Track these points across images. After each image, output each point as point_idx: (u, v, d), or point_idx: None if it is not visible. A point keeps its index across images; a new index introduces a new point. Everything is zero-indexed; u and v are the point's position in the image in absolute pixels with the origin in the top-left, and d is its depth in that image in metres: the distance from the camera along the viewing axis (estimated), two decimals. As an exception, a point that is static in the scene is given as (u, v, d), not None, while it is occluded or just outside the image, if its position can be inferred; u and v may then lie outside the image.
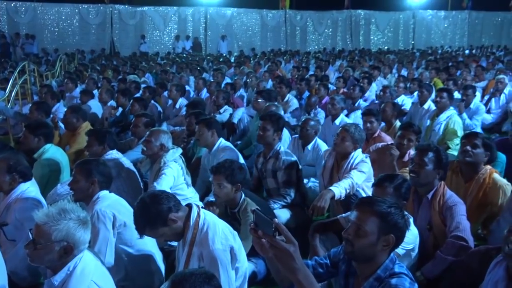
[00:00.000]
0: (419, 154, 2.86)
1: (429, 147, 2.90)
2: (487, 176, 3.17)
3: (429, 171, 2.80)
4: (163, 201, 2.21)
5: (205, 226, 2.25)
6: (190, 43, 20.10)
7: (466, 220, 2.69)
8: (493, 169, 3.28)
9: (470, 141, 3.21)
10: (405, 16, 23.82)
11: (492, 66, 11.26)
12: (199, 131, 3.97)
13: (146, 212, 2.19)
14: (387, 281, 1.73)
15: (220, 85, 7.69)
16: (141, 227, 2.21)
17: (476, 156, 3.17)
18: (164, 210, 2.19)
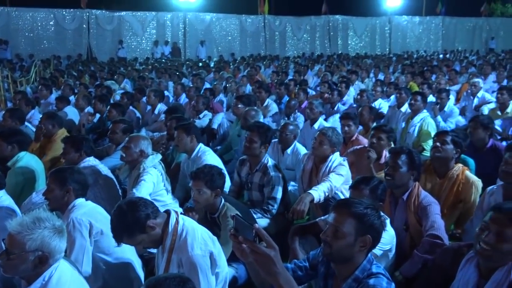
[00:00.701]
0: (393, 157, 2.92)
1: (402, 150, 2.97)
2: (460, 173, 3.28)
3: (403, 173, 2.86)
4: (140, 208, 2.18)
5: (184, 232, 2.23)
6: (169, 49, 20.00)
7: (440, 219, 2.77)
8: (465, 167, 3.39)
9: (440, 138, 3.35)
10: (381, 22, 24.33)
11: (465, 70, 11.57)
12: (178, 136, 3.94)
13: (123, 219, 2.16)
14: (365, 281, 1.76)
15: (199, 90, 7.67)
16: (118, 235, 2.18)
17: (446, 152, 3.28)
18: (142, 217, 2.16)
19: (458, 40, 25.23)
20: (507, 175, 2.73)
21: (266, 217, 3.44)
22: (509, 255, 1.96)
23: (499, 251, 1.94)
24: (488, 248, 1.94)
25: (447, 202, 3.23)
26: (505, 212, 1.95)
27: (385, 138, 3.85)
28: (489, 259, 1.98)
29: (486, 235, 1.95)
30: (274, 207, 3.47)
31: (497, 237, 1.94)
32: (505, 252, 1.94)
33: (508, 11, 30.01)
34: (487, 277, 1.99)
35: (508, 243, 1.93)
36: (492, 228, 1.95)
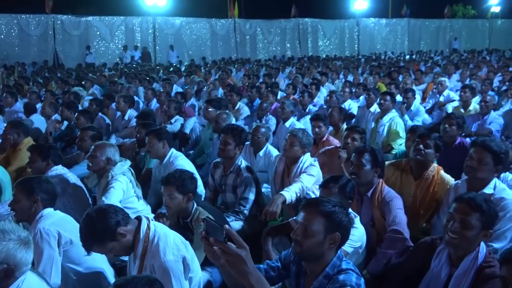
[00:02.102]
0: (357, 156, 3.01)
1: (365, 149, 3.06)
2: (435, 173, 3.34)
3: (367, 171, 2.95)
4: (110, 215, 2.15)
5: (156, 238, 2.21)
6: (138, 53, 19.74)
7: (402, 213, 2.85)
8: (439, 167, 3.47)
9: (423, 140, 3.34)
10: (350, 24, 24.83)
11: (430, 70, 11.95)
12: (149, 142, 3.89)
13: (93, 227, 2.12)
14: (335, 277, 1.81)
15: (170, 95, 7.61)
16: (88, 243, 2.14)
17: (427, 156, 3.32)
18: (112, 224, 2.14)
19: (423, 41, 26.06)
20: (471, 169, 2.82)
21: (239, 218, 3.46)
22: (475, 241, 2.08)
23: (465, 238, 2.06)
24: (455, 236, 2.05)
25: (424, 202, 3.28)
26: (466, 201, 2.08)
27: (358, 139, 3.91)
28: (458, 247, 2.10)
29: (452, 225, 2.06)
30: (246, 208, 3.49)
31: (461, 225, 2.06)
32: (471, 238, 2.07)
33: (469, 12, 31.30)
34: (457, 265, 2.11)
35: (472, 230, 2.05)
36: (456, 217, 2.07)
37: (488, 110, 5.67)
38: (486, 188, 2.79)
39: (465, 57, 17.81)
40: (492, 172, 2.81)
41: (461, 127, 4.28)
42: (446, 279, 2.13)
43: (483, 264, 2.05)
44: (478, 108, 5.92)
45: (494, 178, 2.84)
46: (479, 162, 2.78)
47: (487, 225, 2.08)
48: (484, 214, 2.06)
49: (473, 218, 2.05)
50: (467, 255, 2.08)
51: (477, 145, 2.84)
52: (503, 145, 2.92)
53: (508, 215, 2.66)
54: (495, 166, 2.79)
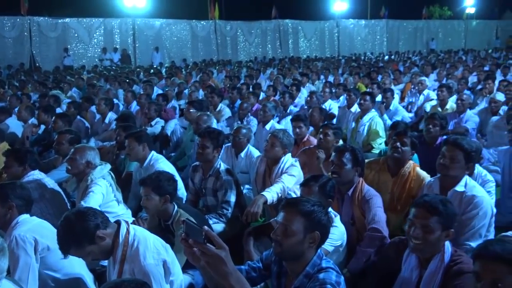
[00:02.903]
0: (338, 156, 3.04)
1: (345, 148, 3.10)
2: (411, 170, 3.42)
3: (348, 170, 2.99)
4: (89, 218, 2.11)
5: (136, 242, 2.19)
6: (118, 55, 19.48)
7: (381, 211, 2.90)
8: (415, 163, 3.55)
9: (400, 138, 3.43)
10: (330, 25, 25.09)
11: (409, 70, 12.17)
12: (129, 145, 3.85)
13: (71, 230, 2.08)
14: (315, 276, 1.82)
15: (150, 97, 7.54)
16: (65, 246, 2.09)
17: (404, 153, 3.40)
18: (91, 227, 2.10)
19: (401, 41, 26.53)
20: (443, 167, 2.87)
21: (221, 221, 3.44)
22: (438, 243, 2.12)
23: (428, 242, 2.09)
24: (419, 242, 2.09)
25: (401, 199, 3.35)
26: (423, 206, 2.11)
27: (331, 134, 3.97)
28: (423, 251, 2.14)
29: (413, 231, 2.09)
30: (228, 211, 3.48)
31: (422, 230, 2.09)
32: (434, 241, 2.10)
33: (445, 13, 32.00)
34: (426, 266, 2.15)
35: (433, 233, 2.08)
36: (416, 223, 2.10)
37: (465, 108, 5.81)
38: (458, 185, 2.84)
39: (442, 57, 18.20)
40: (463, 169, 2.86)
41: (444, 127, 4.38)
42: (417, 281, 2.16)
43: (450, 263, 2.09)
44: (455, 106, 6.06)
45: (465, 175, 2.89)
46: (451, 160, 2.83)
47: (447, 225, 2.11)
48: (442, 215, 2.09)
49: (432, 221, 2.08)
50: (434, 256, 2.12)
51: (449, 144, 2.90)
52: (473, 143, 2.99)
53: (480, 213, 2.72)
54: (466, 164, 2.85)
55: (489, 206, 2.80)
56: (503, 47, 25.20)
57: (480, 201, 2.74)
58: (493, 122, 5.46)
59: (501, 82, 7.51)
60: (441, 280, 2.09)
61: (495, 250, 1.54)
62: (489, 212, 2.77)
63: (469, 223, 2.71)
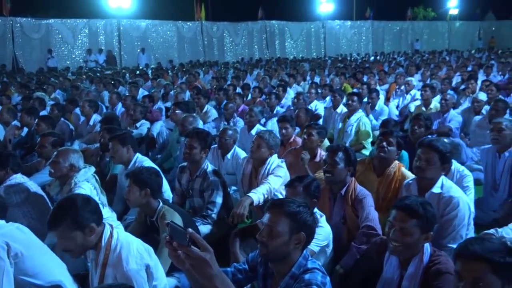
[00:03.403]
0: (330, 155, 3.05)
1: (339, 147, 3.11)
2: (396, 170, 3.46)
3: (341, 169, 3.00)
4: (92, 207, 2.18)
5: (118, 247, 2.17)
6: (103, 57, 19.27)
7: (374, 210, 2.93)
8: (401, 164, 3.59)
9: (386, 138, 3.47)
10: (316, 26, 25.21)
11: (393, 71, 12.29)
12: (113, 148, 3.81)
13: (72, 208, 2.12)
14: (301, 277, 1.82)
15: (135, 99, 7.48)
16: (57, 221, 2.11)
17: (390, 153, 3.44)
18: (89, 215, 2.14)
19: (387, 42, 26.81)
20: (419, 170, 2.90)
21: (206, 223, 3.42)
22: (416, 245, 2.14)
23: (407, 244, 2.11)
24: (398, 244, 2.11)
25: (386, 198, 3.39)
26: (402, 208, 2.13)
27: (315, 134, 3.99)
28: (401, 254, 2.16)
29: (392, 233, 2.11)
30: (213, 212, 3.47)
31: (401, 233, 2.10)
32: (412, 244, 2.12)
33: (429, 14, 32.44)
34: (407, 267, 2.17)
35: (412, 236, 2.10)
36: (396, 225, 2.12)
37: (448, 108, 5.89)
38: (434, 187, 2.87)
39: (427, 58, 18.44)
40: (439, 171, 2.89)
41: (429, 128, 4.43)
42: (398, 281, 2.19)
43: (429, 264, 2.12)
44: (439, 106, 6.14)
45: (442, 176, 2.92)
46: (427, 162, 2.86)
47: (427, 228, 2.13)
48: (422, 218, 2.10)
49: (411, 224, 2.09)
50: (413, 257, 2.14)
51: (424, 146, 2.93)
52: (448, 144, 3.03)
53: (459, 214, 2.75)
54: (442, 165, 2.88)
55: (467, 206, 2.83)
56: (486, 47, 25.68)
57: (457, 202, 2.77)
58: (475, 121, 5.54)
59: (483, 82, 7.65)
60: (421, 281, 2.12)
61: (475, 249, 1.55)
62: (467, 212, 2.81)
63: (449, 225, 2.74)
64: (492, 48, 24.87)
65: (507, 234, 2.45)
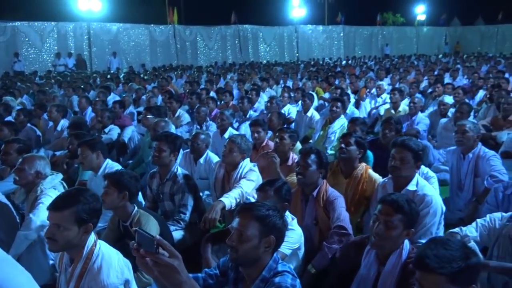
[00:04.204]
0: (303, 157, 3.09)
1: (311, 150, 3.15)
2: (363, 172, 3.54)
3: (313, 171, 3.04)
4: (97, 209, 2.19)
5: (100, 258, 2.12)
6: (73, 61, 18.82)
7: (345, 211, 2.98)
8: (368, 166, 3.67)
9: (345, 140, 3.59)
10: (288, 31, 25.48)
11: (364, 75, 12.56)
12: (82, 153, 3.72)
13: (83, 200, 2.13)
14: (271, 280, 1.82)
15: (105, 103, 7.33)
16: (64, 205, 2.10)
17: (350, 153, 3.54)
18: (93, 215, 2.15)
19: (357, 47, 27.38)
20: (395, 169, 2.99)
21: (179, 227, 3.40)
22: (398, 240, 2.20)
23: (389, 238, 2.16)
24: (380, 237, 2.15)
25: (354, 200, 3.46)
26: (389, 203, 2.19)
27: (287, 138, 4.04)
28: (382, 248, 2.21)
29: (377, 226, 2.16)
30: (186, 215, 3.45)
31: (385, 226, 2.16)
32: (394, 238, 2.18)
33: (398, 20, 33.33)
34: (385, 262, 2.21)
35: (395, 230, 2.16)
36: (380, 219, 2.17)
37: (416, 111, 6.06)
38: (410, 185, 2.97)
39: (396, 62, 18.93)
40: (413, 169, 3.00)
41: (399, 131, 4.55)
42: (375, 277, 2.23)
43: (407, 260, 2.17)
44: (407, 109, 6.31)
45: (416, 174, 3.03)
46: (401, 161, 2.95)
47: (409, 224, 2.20)
48: (406, 214, 2.17)
49: (395, 219, 2.16)
50: (393, 253, 2.20)
51: (397, 145, 3.02)
52: (419, 143, 3.13)
53: (431, 211, 2.85)
54: (415, 163, 2.98)
55: (439, 205, 2.93)
56: (452, 52, 26.62)
57: (431, 200, 2.87)
58: (442, 124, 5.72)
59: (446, 85, 7.91)
60: (399, 277, 2.16)
61: (430, 264, 1.58)
62: (439, 210, 2.91)
63: (421, 222, 2.82)
64: (458, 52, 25.82)
65: (471, 232, 2.53)
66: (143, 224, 2.73)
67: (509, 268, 2.22)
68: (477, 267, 1.61)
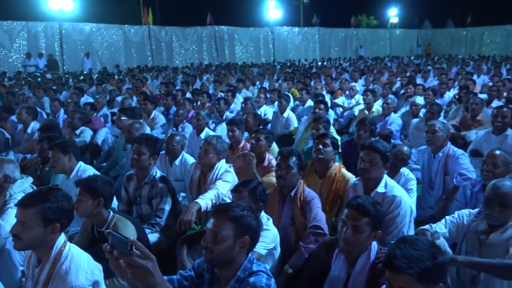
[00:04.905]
0: (284, 159, 3.09)
1: (292, 152, 3.16)
2: (337, 171, 3.59)
3: (294, 173, 3.06)
4: (67, 209, 2.13)
5: (69, 259, 2.08)
6: (44, 61, 18.31)
7: (321, 211, 3.01)
8: (341, 165, 3.73)
9: (321, 141, 3.61)
10: (264, 32, 25.59)
11: (339, 76, 12.73)
12: (54, 156, 3.63)
13: (52, 199, 2.09)
14: (246, 280, 1.83)
15: (78, 105, 7.17)
16: (30, 202, 2.06)
17: (327, 154, 3.58)
18: (60, 214, 2.09)
19: (333, 48, 27.76)
20: (364, 171, 3.04)
21: (155, 231, 3.35)
22: (366, 243, 2.24)
23: (357, 242, 2.21)
24: (348, 242, 2.20)
25: (328, 199, 3.51)
26: (355, 208, 2.22)
27: (263, 139, 4.06)
28: (351, 252, 2.25)
29: (345, 231, 2.19)
30: (162, 219, 3.40)
31: (353, 231, 2.20)
32: (363, 241, 2.22)
33: (372, 22, 33.96)
34: (354, 264, 2.25)
35: (363, 234, 2.21)
36: (348, 223, 2.21)
37: (389, 111, 6.20)
38: (379, 187, 3.02)
39: (370, 64, 19.28)
40: (382, 170, 3.05)
41: (373, 132, 4.63)
42: (346, 278, 2.27)
43: (375, 261, 2.22)
44: (381, 110, 6.44)
45: (384, 175, 3.08)
46: (370, 163, 3.00)
47: (376, 226, 2.24)
48: (373, 217, 2.21)
49: (362, 223, 2.20)
50: (361, 255, 2.24)
51: (366, 148, 3.07)
52: (387, 145, 3.19)
53: (401, 212, 2.91)
54: (384, 165, 3.04)
55: (408, 206, 3.00)
56: (424, 54, 27.34)
57: (400, 201, 2.93)
58: (413, 124, 5.87)
59: (417, 86, 8.11)
60: (368, 277, 2.21)
61: (398, 264, 1.61)
62: (408, 211, 2.97)
63: (392, 223, 2.89)
64: (429, 54, 26.55)
65: (440, 229, 2.61)
66: (121, 229, 2.66)
67: (476, 262, 2.30)
68: (444, 265, 1.65)
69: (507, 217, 2.41)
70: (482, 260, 2.30)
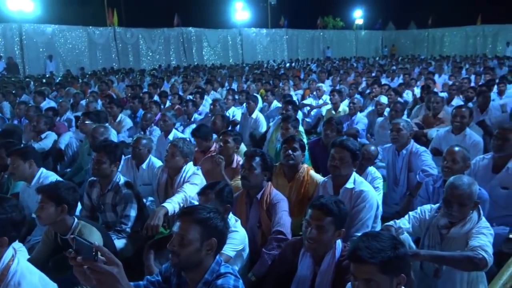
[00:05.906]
0: (247, 160, 3.09)
1: (255, 153, 3.16)
2: (305, 174, 3.60)
3: (257, 174, 3.05)
4: (14, 221, 1.98)
5: (18, 274, 1.96)
6: (3, 64, 17.55)
7: (286, 215, 3.01)
8: (309, 167, 3.75)
9: (290, 145, 3.59)
10: (232, 34, 25.55)
11: (307, 77, 12.90)
12: (13, 163, 3.49)
13: None
14: (213, 283, 1.82)
15: (40, 109, 6.93)
16: None
17: (297, 158, 3.58)
18: (6, 227, 1.95)
19: (300, 49, 28.08)
20: (334, 168, 3.10)
21: (121, 237, 3.28)
22: (331, 242, 2.28)
23: (322, 241, 2.24)
24: (313, 241, 2.22)
25: (297, 201, 3.51)
26: (319, 208, 2.26)
27: (231, 141, 4.05)
28: (316, 251, 2.28)
29: (310, 231, 2.22)
30: (127, 226, 3.33)
31: (317, 230, 2.23)
32: (327, 240, 2.26)
33: (338, 24, 34.58)
34: (320, 263, 2.28)
35: (327, 233, 2.24)
36: (312, 224, 2.24)
37: (356, 111, 6.33)
38: (348, 183, 3.09)
39: (337, 64, 19.64)
40: (351, 167, 3.13)
41: (340, 132, 4.71)
42: (312, 277, 2.30)
43: (340, 259, 2.26)
44: (347, 109, 6.56)
45: (353, 172, 3.16)
46: (340, 160, 3.06)
47: (340, 225, 2.29)
48: (336, 216, 2.25)
49: (326, 222, 2.23)
50: (327, 253, 2.28)
51: (336, 146, 3.13)
52: (356, 143, 3.27)
53: (367, 205, 2.99)
54: (353, 162, 3.11)
55: (375, 200, 3.09)
56: (388, 54, 28.12)
57: (367, 195, 3.01)
58: (378, 122, 6.02)
59: (383, 86, 8.32)
60: (334, 275, 2.24)
61: (362, 255, 1.66)
62: (374, 204, 3.06)
63: (357, 216, 2.96)
64: (394, 55, 27.33)
65: (404, 224, 2.68)
66: (86, 236, 2.59)
67: (439, 255, 2.38)
68: (405, 257, 1.70)
69: (466, 213, 2.50)
70: (444, 253, 2.39)
